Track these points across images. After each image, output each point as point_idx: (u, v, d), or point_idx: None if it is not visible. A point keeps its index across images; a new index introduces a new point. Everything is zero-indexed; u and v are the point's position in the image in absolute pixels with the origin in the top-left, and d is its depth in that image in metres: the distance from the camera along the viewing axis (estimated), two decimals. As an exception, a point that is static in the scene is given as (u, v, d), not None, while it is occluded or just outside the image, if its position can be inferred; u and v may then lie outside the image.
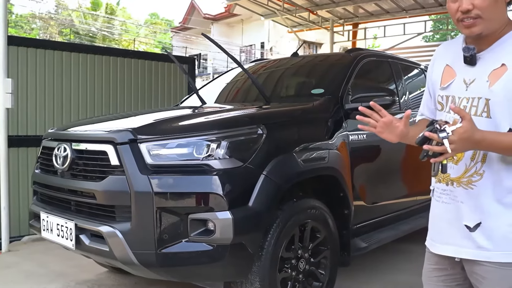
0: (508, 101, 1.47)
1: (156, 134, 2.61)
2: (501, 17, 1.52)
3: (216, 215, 2.42)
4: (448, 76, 1.65)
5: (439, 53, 1.78)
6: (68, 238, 2.71)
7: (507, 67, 1.47)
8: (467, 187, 1.55)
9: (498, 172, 1.51)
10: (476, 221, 1.54)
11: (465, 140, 1.37)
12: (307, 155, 2.88)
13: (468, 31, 1.53)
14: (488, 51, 1.54)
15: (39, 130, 5.30)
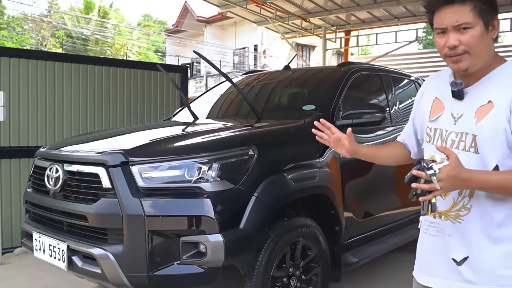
0: (495, 138, 1.50)
1: (147, 156, 2.63)
2: (487, 53, 1.55)
3: (207, 238, 2.44)
4: (437, 109, 1.68)
5: (428, 85, 1.82)
6: (61, 260, 2.72)
7: (494, 104, 1.50)
8: (455, 221, 1.58)
9: (485, 207, 1.53)
10: (463, 255, 1.56)
11: (452, 178, 1.39)
12: (298, 175, 2.91)
13: (455, 66, 1.56)
14: (475, 86, 1.57)
15: (31, 141, 5.30)
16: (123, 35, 31.17)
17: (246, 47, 29.19)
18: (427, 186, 1.37)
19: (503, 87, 1.51)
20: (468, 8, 1.50)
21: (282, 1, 8.28)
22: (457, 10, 1.50)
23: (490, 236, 1.53)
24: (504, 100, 1.48)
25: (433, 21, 1.58)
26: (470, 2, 1.50)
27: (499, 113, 1.49)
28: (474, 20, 1.50)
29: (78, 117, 5.67)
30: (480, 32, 1.51)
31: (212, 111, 4.22)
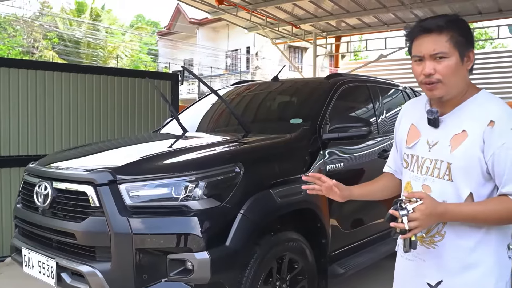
0: (469, 167, 1.55)
1: (135, 174, 2.66)
2: (461, 83, 1.60)
3: (194, 256, 2.48)
4: (413, 135, 1.74)
5: (405, 111, 1.88)
6: (50, 276, 2.75)
7: (467, 133, 1.56)
8: (429, 246, 1.64)
9: (459, 233, 1.59)
10: (437, 279, 1.63)
11: (428, 216, 1.45)
12: (284, 190, 2.95)
13: (430, 93, 1.62)
14: (450, 115, 1.63)
15: (22, 150, 5.32)
16: (116, 37, 31.08)
17: (239, 49, 29.25)
18: (402, 225, 1.43)
19: (477, 117, 1.56)
20: (445, 38, 1.56)
21: (273, 8, 8.34)
22: (435, 39, 1.56)
23: (463, 261, 1.59)
24: (478, 130, 1.53)
25: (412, 48, 1.64)
26: (447, 32, 1.56)
27: (473, 143, 1.54)
28: (450, 50, 1.56)
29: (69, 126, 5.68)
30: (455, 62, 1.56)
31: (201, 123, 4.26)
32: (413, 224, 1.43)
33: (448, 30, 1.56)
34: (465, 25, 1.62)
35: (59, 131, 5.59)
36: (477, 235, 1.58)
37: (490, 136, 1.51)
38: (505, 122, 1.52)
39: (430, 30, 1.57)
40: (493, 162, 1.52)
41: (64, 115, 5.63)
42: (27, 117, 5.34)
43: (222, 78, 28.05)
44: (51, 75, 5.56)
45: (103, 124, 6.03)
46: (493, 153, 1.51)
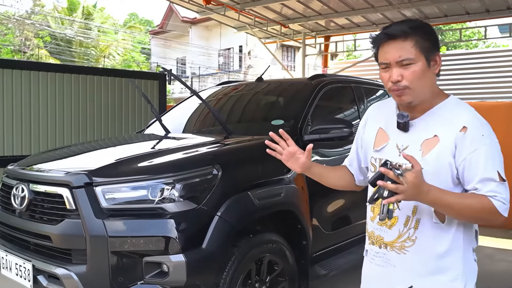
0: (440, 172, 1.55)
1: (111, 176, 2.66)
2: (429, 87, 1.61)
3: (169, 258, 2.48)
4: (381, 139, 1.73)
5: (371, 114, 1.87)
6: (26, 279, 2.74)
7: (439, 138, 1.56)
8: (400, 252, 1.64)
9: (429, 238, 1.59)
10: (407, 285, 1.63)
11: (415, 186, 1.40)
12: (262, 192, 2.95)
13: (399, 99, 1.63)
14: (420, 119, 1.63)
15: (7, 150, 5.29)
16: (108, 35, 30.95)
17: (231, 48, 29.21)
18: (393, 186, 1.38)
19: (449, 122, 1.57)
20: (410, 44, 1.55)
21: (261, 8, 8.33)
22: (400, 46, 1.56)
23: (433, 266, 1.60)
24: (450, 136, 1.55)
25: (378, 56, 1.64)
26: (412, 38, 1.55)
27: (444, 148, 1.55)
28: (416, 56, 1.55)
29: (55, 126, 5.67)
30: (422, 67, 1.56)
31: (185, 124, 4.25)
32: (400, 189, 1.39)
33: (413, 36, 1.56)
34: (430, 29, 1.62)
35: (44, 131, 5.58)
36: (447, 240, 1.59)
37: (462, 141, 1.52)
38: (477, 128, 1.54)
39: (395, 37, 1.57)
40: (464, 167, 1.53)
41: (49, 115, 5.62)
42: (12, 117, 5.31)
43: (215, 77, 28.01)
44: (36, 75, 5.54)
45: (90, 124, 6.02)
46: (465, 158, 1.52)
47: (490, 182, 1.50)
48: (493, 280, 4.57)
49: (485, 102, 8.09)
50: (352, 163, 1.94)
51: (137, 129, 6.46)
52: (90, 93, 6.02)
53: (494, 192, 1.50)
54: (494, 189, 1.50)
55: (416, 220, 1.60)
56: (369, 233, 1.76)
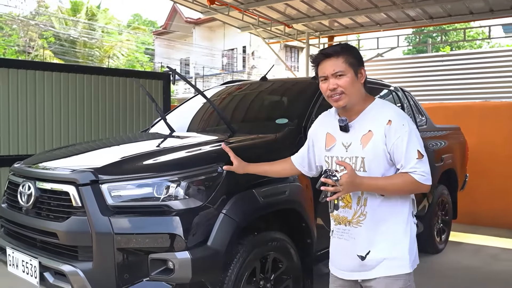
0: (378, 158, 2.03)
1: (117, 174, 2.67)
2: (358, 93, 2.09)
3: (175, 255, 2.49)
4: (330, 141, 2.19)
5: (319, 123, 2.35)
6: (33, 276, 2.76)
7: (373, 132, 2.04)
8: (357, 225, 2.11)
9: (376, 211, 2.06)
10: (366, 251, 2.09)
11: (349, 183, 1.90)
12: (267, 190, 2.95)
13: (336, 104, 2.09)
14: (356, 120, 2.10)
15: (12, 149, 5.32)
16: (112, 36, 31.05)
17: (235, 48, 29.27)
18: (332, 188, 1.87)
19: (378, 118, 2.04)
20: (341, 60, 2.04)
21: (265, 7, 8.34)
22: (334, 62, 2.05)
23: (383, 232, 2.07)
24: (380, 128, 2.02)
25: (318, 71, 2.13)
26: (342, 56, 2.05)
27: (378, 139, 2.02)
28: (346, 69, 2.04)
29: (60, 125, 5.70)
30: (351, 78, 2.05)
31: (189, 123, 4.27)
32: (338, 189, 1.87)
33: (343, 54, 2.05)
34: (355, 50, 2.13)
35: (50, 131, 5.60)
36: (389, 210, 2.06)
37: (389, 132, 2.00)
38: (398, 121, 2.02)
39: (330, 55, 2.06)
40: (393, 150, 2.01)
41: (54, 115, 5.65)
42: (17, 116, 5.34)
43: (218, 77, 28.05)
44: (42, 75, 5.57)
45: (94, 123, 6.04)
46: (393, 143, 2.00)
47: (412, 160, 1.98)
48: (497, 280, 4.57)
49: (489, 102, 8.09)
50: (304, 160, 2.45)
51: (141, 129, 6.49)
52: (94, 93, 6.05)
53: (414, 168, 1.97)
54: (414, 166, 1.98)
55: (364, 199, 2.07)
56: (335, 216, 2.20)
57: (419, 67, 10.34)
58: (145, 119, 6.59)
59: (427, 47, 24.34)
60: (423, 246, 4.74)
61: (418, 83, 9.99)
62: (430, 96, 9.68)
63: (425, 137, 4.49)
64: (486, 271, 4.87)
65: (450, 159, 5.50)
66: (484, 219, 6.81)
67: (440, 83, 10.03)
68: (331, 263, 2.32)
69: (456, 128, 6.09)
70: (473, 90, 9.67)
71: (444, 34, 15.35)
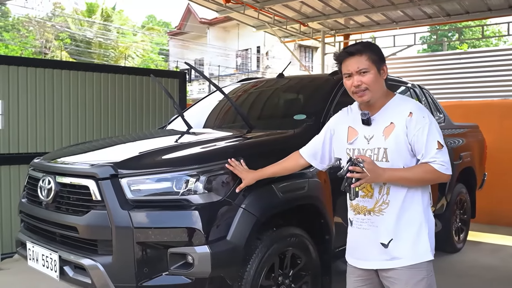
0: (400, 149, 2.10)
1: (136, 168, 2.67)
2: (380, 89, 2.18)
3: (194, 249, 2.49)
4: (352, 134, 2.26)
5: (340, 117, 2.42)
6: (53, 269, 2.78)
7: (395, 124, 2.12)
8: (379, 214, 2.15)
9: (398, 200, 2.12)
10: (388, 238, 2.13)
11: (372, 171, 1.97)
12: (286, 186, 2.93)
13: (360, 99, 2.18)
14: (378, 114, 2.18)
15: (31, 147, 5.37)
16: (127, 37, 31.29)
17: (249, 48, 29.29)
18: (358, 175, 1.96)
19: (399, 112, 2.13)
20: (364, 58, 2.13)
21: (280, 6, 8.32)
22: (357, 59, 2.13)
23: (403, 221, 2.12)
24: (402, 121, 2.10)
25: (342, 69, 2.21)
26: (365, 54, 2.13)
27: (399, 130, 2.10)
28: (369, 66, 2.12)
29: (77, 124, 5.74)
30: (374, 74, 2.13)
31: (206, 120, 4.28)
32: (364, 175, 1.96)
33: (366, 52, 2.13)
34: (377, 47, 2.21)
35: (67, 128, 5.65)
36: (410, 199, 2.12)
37: (410, 123, 2.08)
38: (419, 113, 2.11)
39: (353, 53, 2.14)
40: (414, 141, 2.08)
41: (72, 113, 5.69)
42: (36, 115, 5.39)
43: (232, 77, 28.08)
44: (59, 73, 5.62)
45: (111, 121, 6.07)
46: (414, 135, 2.08)
47: (432, 150, 2.06)
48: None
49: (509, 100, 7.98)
50: (317, 153, 2.50)
51: (157, 127, 6.51)
52: (111, 91, 6.08)
53: (434, 158, 2.05)
54: (434, 156, 2.05)
55: (387, 187, 2.13)
56: (354, 206, 2.24)
57: (437, 65, 10.21)
58: (161, 118, 6.61)
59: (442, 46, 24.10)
60: (441, 245, 4.69)
61: (436, 81, 9.87)
62: (448, 94, 9.56)
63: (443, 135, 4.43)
64: (506, 270, 4.80)
65: (469, 157, 5.43)
66: (502, 219, 6.70)
67: (458, 81, 9.90)
68: (349, 254, 2.35)
69: (474, 126, 6.01)
70: (492, 88, 9.53)
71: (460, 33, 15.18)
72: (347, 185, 1.99)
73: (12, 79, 5.20)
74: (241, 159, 2.73)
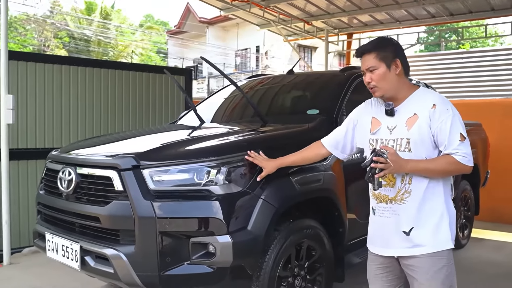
0: (423, 139, 2.14)
1: (158, 160, 2.72)
2: (392, 84, 2.21)
3: (216, 239, 2.54)
4: (375, 124, 2.31)
5: (364, 108, 2.46)
6: (74, 259, 2.81)
7: (418, 115, 2.16)
8: (401, 202, 2.20)
9: (420, 190, 2.16)
10: (410, 226, 2.18)
11: (395, 162, 2.03)
12: (303, 178, 2.99)
13: (374, 95, 2.28)
14: (401, 106, 2.24)
15: (39, 143, 5.40)
16: (126, 35, 31.26)
17: (248, 48, 29.30)
18: (382, 165, 2.02)
19: (422, 103, 2.18)
20: (372, 56, 2.22)
21: (285, 4, 8.35)
22: (366, 58, 2.24)
23: (424, 210, 2.16)
24: (425, 112, 2.14)
25: None
26: (373, 52, 2.22)
27: (422, 121, 2.14)
28: (377, 64, 2.20)
29: (85, 119, 5.78)
30: (383, 71, 2.20)
31: (217, 115, 4.32)
32: (387, 165, 2.01)
33: (374, 50, 2.22)
34: (389, 43, 2.28)
35: (75, 124, 5.69)
36: (432, 189, 2.16)
37: (433, 115, 2.12)
38: (442, 105, 2.15)
39: (363, 53, 2.26)
40: (437, 133, 2.12)
41: (80, 108, 5.73)
42: (44, 110, 5.43)
43: (232, 77, 28.07)
44: (67, 69, 5.65)
45: (118, 117, 6.11)
46: (436, 126, 2.11)
47: (454, 142, 2.09)
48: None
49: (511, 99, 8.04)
50: (339, 142, 2.54)
51: (164, 123, 6.55)
52: (118, 88, 6.13)
53: (456, 150, 2.09)
54: (457, 147, 2.09)
55: (409, 177, 2.17)
56: (376, 194, 2.29)
57: (439, 64, 10.28)
58: (167, 114, 6.66)
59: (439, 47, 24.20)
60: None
61: (438, 80, 9.94)
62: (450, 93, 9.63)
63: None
64: (509, 266, 4.86)
65: (473, 154, 5.47)
66: (505, 217, 6.76)
67: (460, 80, 9.97)
68: (370, 242, 2.40)
69: (477, 124, 6.06)
70: (494, 87, 9.60)
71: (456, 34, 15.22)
72: (370, 176, 2.04)
73: (21, 75, 5.24)
74: (259, 151, 2.78)
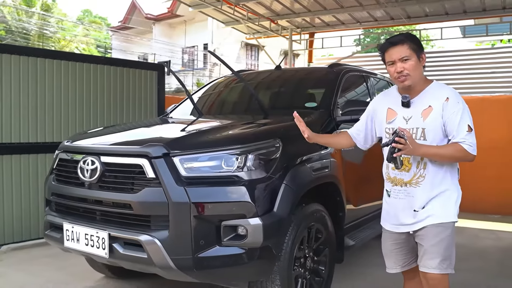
0: (436, 129, 2.40)
1: (187, 148, 2.83)
2: (420, 75, 2.48)
3: (248, 221, 2.69)
4: (391, 115, 2.57)
5: (379, 100, 2.73)
6: (100, 247, 2.85)
7: (432, 107, 2.42)
8: (416, 186, 2.47)
9: (432, 173, 2.43)
10: (421, 206, 2.45)
11: (412, 143, 2.25)
12: (315, 164, 3.23)
13: (402, 84, 2.47)
14: (417, 98, 2.48)
15: (23, 137, 5.26)
16: (67, 30, 30.16)
17: (196, 45, 29.17)
18: (402, 146, 2.22)
19: (436, 96, 2.43)
20: (406, 47, 2.43)
21: (253, 3, 8.53)
22: (400, 48, 2.43)
23: (437, 190, 2.44)
24: (439, 104, 2.40)
25: (385, 57, 2.50)
26: (406, 43, 2.43)
27: (436, 112, 2.40)
28: (410, 54, 2.42)
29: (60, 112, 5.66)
30: (415, 61, 2.44)
31: (210, 108, 4.45)
32: (406, 146, 2.22)
33: (407, 42, 2.43)
34: (416, 37, 2.50)
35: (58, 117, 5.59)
36: (442, 173, 2.44)
37: (446, 107, 2.38)
38: (454, 98, 2.40)
39: (396, 43, 2.44)
40: (447, 123, 2.37)
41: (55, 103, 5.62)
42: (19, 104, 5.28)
43: (180, 74, 27.89)
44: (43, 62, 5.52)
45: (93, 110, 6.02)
46: (448, 117, 2.37)
47: (462, 132, 2.34)
48: (484, 253, 5.07)
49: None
50: (360, 134, 2.80)
51: (137, 118, 6.55)
52: (94, 81, 6.04)
53: (464, 139, 2.34)
54: (464, 137, 2.34)
55: (424, 163, 2.44)
56: (391, 178, 2.55)
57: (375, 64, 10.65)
58: (141, 110, 6.64)
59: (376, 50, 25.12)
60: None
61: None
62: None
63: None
64: (473, 247, 5.35)
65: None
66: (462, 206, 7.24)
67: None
68: (385, 220, 2.66)
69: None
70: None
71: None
72: (391, 155, 2.27)
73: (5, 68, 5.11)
74: (278, 140, 2.97)
